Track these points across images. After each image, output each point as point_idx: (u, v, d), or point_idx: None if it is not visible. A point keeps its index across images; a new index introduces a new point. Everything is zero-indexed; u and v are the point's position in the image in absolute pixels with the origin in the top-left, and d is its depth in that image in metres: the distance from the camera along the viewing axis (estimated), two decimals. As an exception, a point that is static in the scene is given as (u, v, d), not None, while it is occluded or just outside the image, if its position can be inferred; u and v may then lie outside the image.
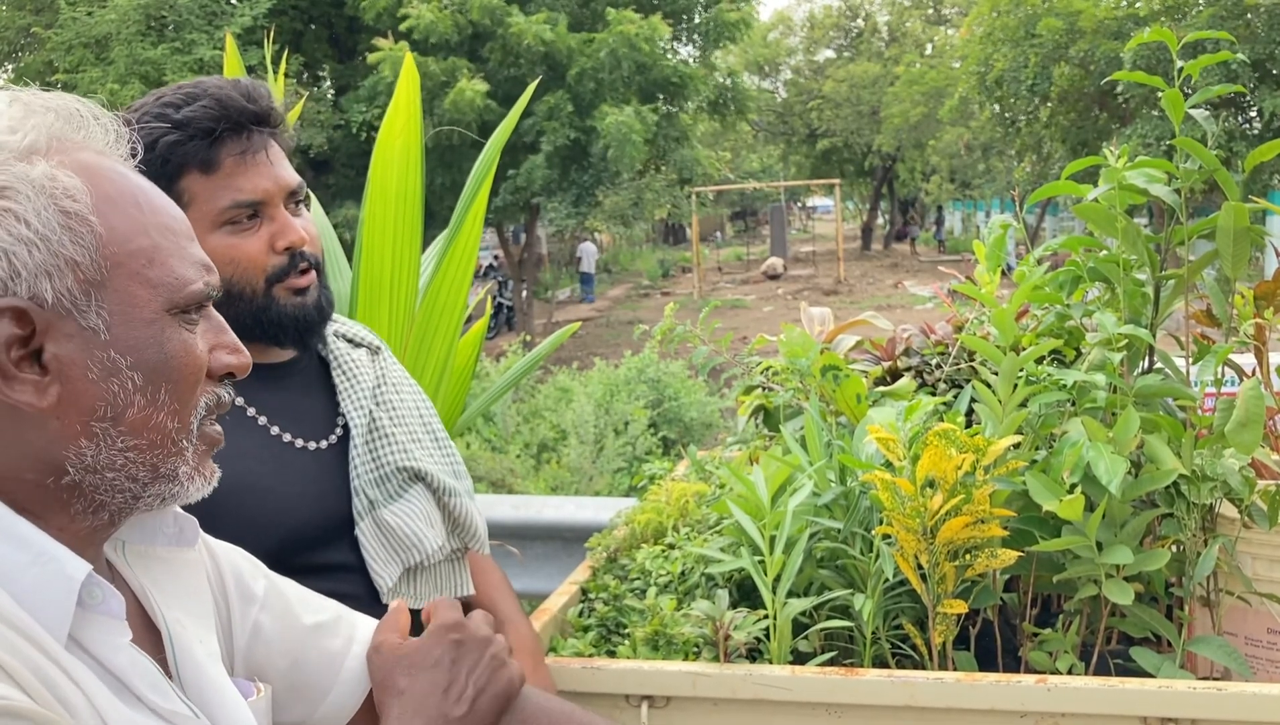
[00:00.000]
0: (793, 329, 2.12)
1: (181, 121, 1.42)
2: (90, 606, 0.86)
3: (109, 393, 0.85)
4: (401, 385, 1.67)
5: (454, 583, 1.63)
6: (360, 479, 1.53)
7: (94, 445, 0.85)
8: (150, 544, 0.99)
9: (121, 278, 0.86)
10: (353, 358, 1.63)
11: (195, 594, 1.04)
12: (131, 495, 0.89)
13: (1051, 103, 18.74)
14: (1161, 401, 1.81)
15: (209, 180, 1.43)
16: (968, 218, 42.60)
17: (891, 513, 1.61)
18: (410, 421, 1.63)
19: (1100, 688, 1.45)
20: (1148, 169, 1.82)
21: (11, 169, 0.83)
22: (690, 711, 1.57)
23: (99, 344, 0.85)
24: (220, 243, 1.44)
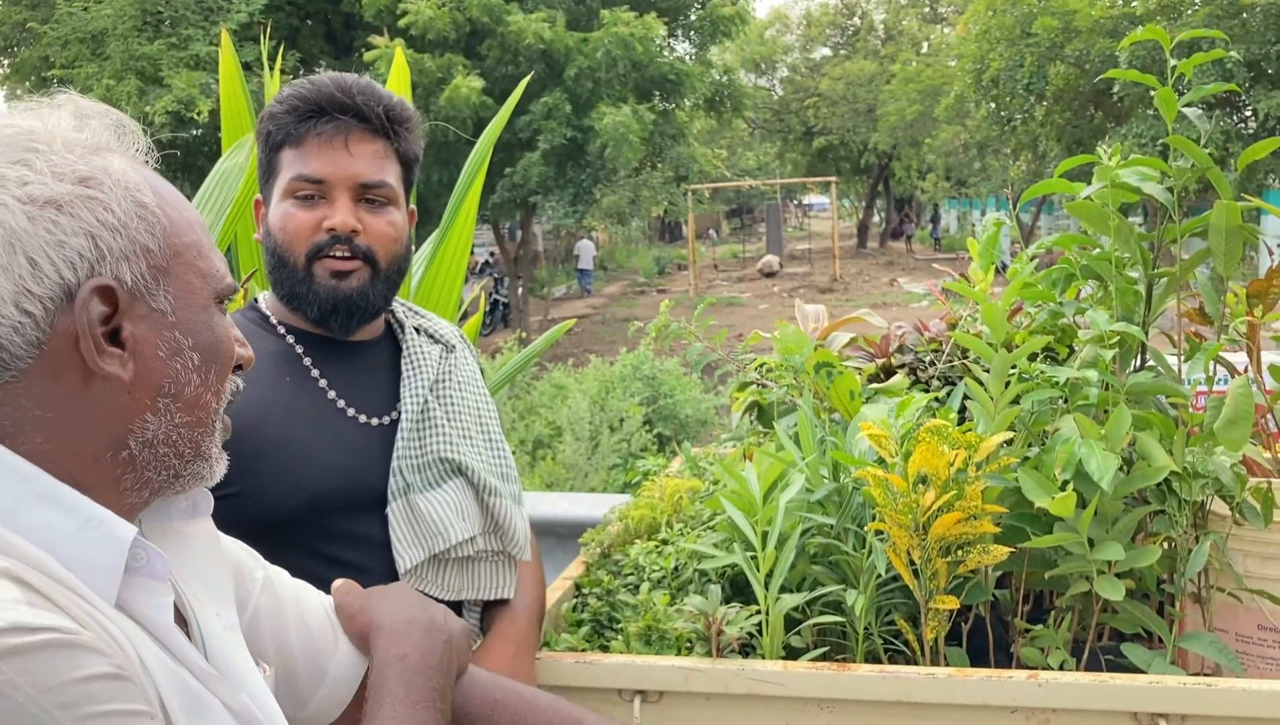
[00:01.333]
0: (786, 326, 2.13)
1: (286, 98, 1.59)
2: (135, 569, 0.90)
3: (173, 370, 0.93)
4: (468, 384, 1.72)
5: (493, 584, 1.65)
6: (401, 461, 1.58)
7: (157, 420, 0.92)
8: (167, 520, 1.02)
9: (181, 266, 0.94)
10: (424, 351, 1.70)
11: (212, 565, 1.07)
12: (173, 473, 0.95)
13: (1047, 101, 18.76)
14: (1153, 399, 1.81)
15: (293, 153, 1.58)
16: (964, 216, 42.64)
17: (884, 509, 1.61)
18: (465, 419, 1.67)
19: (1091, 684, 1.46)
20: (1140, 167, 1.82)
21: (91, 161, 0.90)
22: (683, 706, 1.58)
23: (166, 325, 0.92)
24: (281, 211, 1.58)
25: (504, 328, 21.23)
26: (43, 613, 0.78)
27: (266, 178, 1.63)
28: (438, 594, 1.57)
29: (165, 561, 0.93)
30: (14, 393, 0.86)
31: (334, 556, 1.50)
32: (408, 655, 1.10)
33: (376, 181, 1.60)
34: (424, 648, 1.12)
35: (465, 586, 1.61)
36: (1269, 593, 1.67)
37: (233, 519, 1.21)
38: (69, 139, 0.90)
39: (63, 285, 0.86)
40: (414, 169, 1.69)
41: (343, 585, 1.23)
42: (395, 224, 1.63)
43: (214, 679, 0.94)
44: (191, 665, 0.92)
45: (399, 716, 1.05)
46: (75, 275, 0.87)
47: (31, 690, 0.74)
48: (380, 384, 1.65)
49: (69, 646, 0.77)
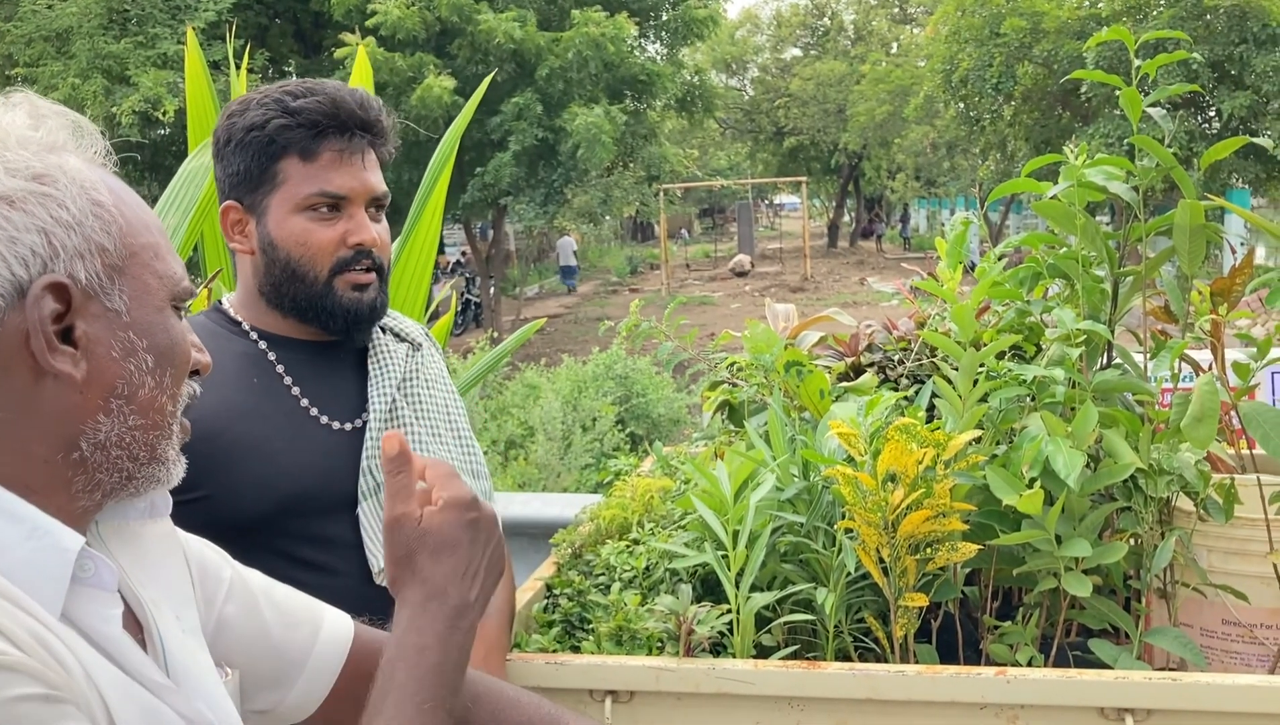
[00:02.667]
0: (757, 325, 2.13)
1: (294, 110, 1.56)
2: (82, 580, 0.88)
3: (127, 371, 0.91)
4: (435, 383, 1.72)
5: None
6: (371, 460, 1.58)
7: (109, 421, 0.90)
8: (124, 520, 1.00)
9: (137, 267, 0.93)
10: (391, 350, 1.70)
11: (171, 567, 1.05)
12: (126, 475, 0.93)
13: (1015, 101, 18.91)
14: (1120, 396, 1.83)
15: (305, 167, 1.56)
16: (933, 215, 42.91)
17: (853, 507, 1.62)
18: (434, 418, 1.68)
19: (1058, 680, 1.47)
20: (1106, 167, 1.84)
21: (46, 159, 0.89)
22: (654, 706, 1.58)
23: (121, 325, 0.91)
24: (298, 225, 1.57)
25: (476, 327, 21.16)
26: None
27: (256, 186, 1.59)
28: None
29: (114, 572, 0.91)
30: None
31: (305, 559, 1.50)
32: (427, 649, 1.03)
33: (384, 193, 1.64)
34: (446, 641, 1.05)
35: None
36: (1232, 587, 1.68)
37: (202, 522, 1.20)
38: (24, 136, 0.89)
39: (14, 282, 0.85)
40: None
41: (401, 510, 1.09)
42: (388, 231, 1.68)
43: (168, 690, 0.93)
44: (143, 677, 0.91)
45: (405, 717, 1.00)
46: (27, 272, 0.85)
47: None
48: (348, 385, 1.65)
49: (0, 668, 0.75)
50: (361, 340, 1.65)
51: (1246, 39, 15.06)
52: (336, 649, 1.17)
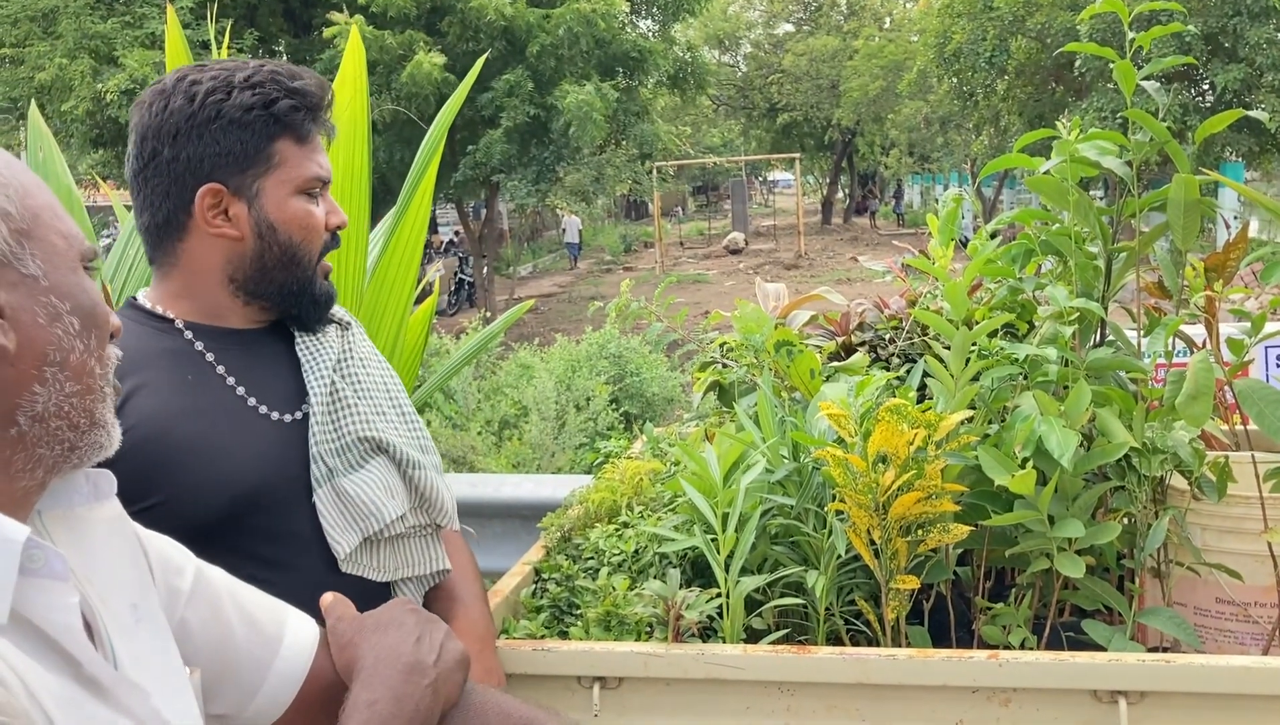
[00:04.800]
0: (746, 305, 2.11)
1: (297, 90, 1.53)
2: (32, 572, 0.85)
3: (55, 337, 0.88)
4: (369, 361, 1.68)
5: (425, 558, 1.61)
6: (320, 447, 1.53)
7: (45, 391, 0.87)
8: (69, 507, 0.97)
9: (42, 228, 0.90)
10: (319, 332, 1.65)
11: (121, 553, 1.02)
12: (69, 446, 0.90)
13: (1009, 76, 18.83)
14: (1113, 374, 1.81)
15: (300, 149, 1.54)
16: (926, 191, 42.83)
17: (844, 489, 1.60)
18: (376, 395, 1.63)
19: (1051, 663, 1.45)
20: (1099, 141, 1.81)
21: None
22: (643, 692, 1.56)
23: (40, 290, 0.88)
24: (300, 207, 1.54)
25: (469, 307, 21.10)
26: None
27: (246, 167, 1.52)
28: (374, 576, 1.54)
29: (64, 561, 0.88)
30: None
31: (264, 556, 1.45)
32: (377, 702, 1.05)
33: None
34: (399, 693, 1.07)
35: (400, 565, 1.58)
36: (1227, 566, 1.67)
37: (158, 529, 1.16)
38: None
39: None
40: None
41: (335, 607, 1.19)
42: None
43: (121, 686, 0.90)
44: (93, 673, 0.87)
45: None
46: None
47: None
48: (283, 373, 1.59)
49: None
50: (321, 329, 1.62)
51: (1240, 11, 14.99)
52: (301, 655, 1.15)
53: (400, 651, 1.11)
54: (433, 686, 1.09)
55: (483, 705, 1.15)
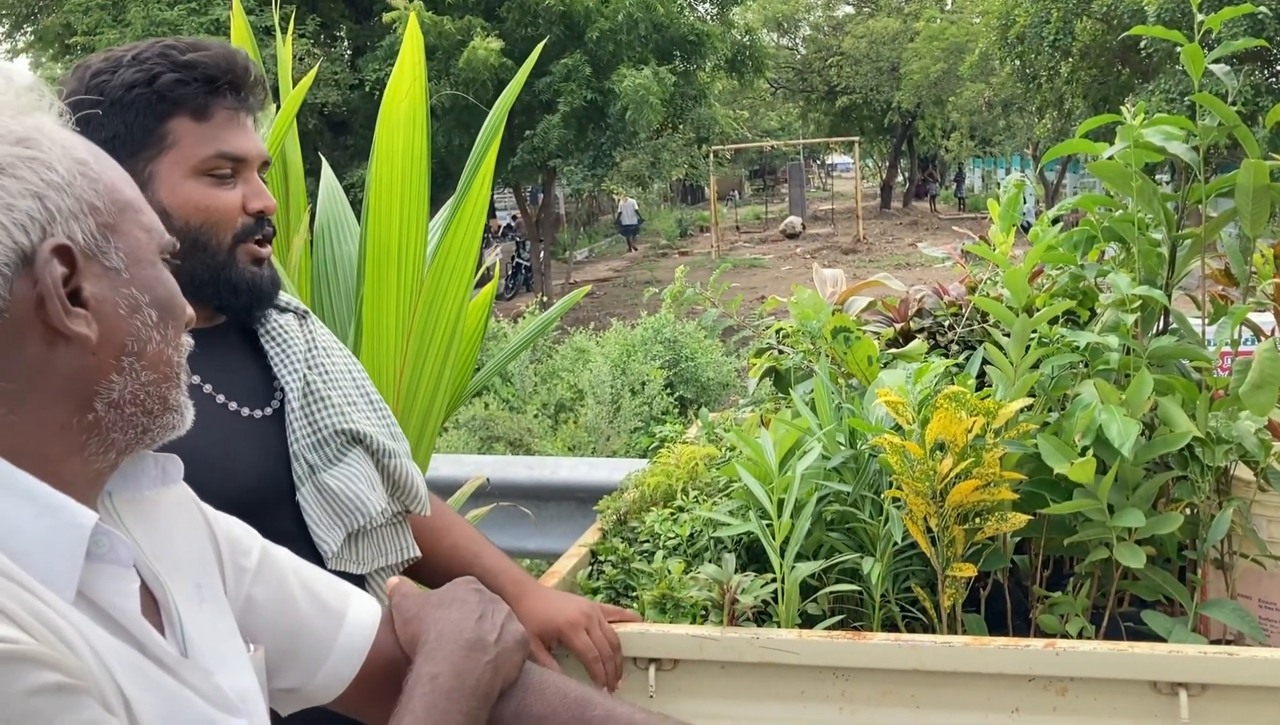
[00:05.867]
0: (803, 291, 2.10)
1: (187, 64, 1.42)
2: (98, 556, 0.88)
3: (134, 327, 0.90)
4: (332, 349, 1.64)
5: (397, 546, 1.60)
6: (299, 444, 1.51)
7: (122, 379, 0.90)
8: (137, 491, 0.99)
9: (127, 222, 0.92)
10: (280, 324, 1.59)
11: (188, 535, 1.05)
12: (141, 430, 0.93)
13: (1073, 58, 18.47)
14: (1175, 363, 1.78)
15: (199, 127, 1.43)
16: (988, 175, 42.22)
17: (901, 476, 1.59)
18: (344, 384, 1.60)
19: (1110, 653, 1.44)
20: (1165, 126, 1.78)
21: (24, 121, 0.88)
22: (697, 675, 1.57)
23: (122, 282, 0.90)
24: (196, 190, 1.43)
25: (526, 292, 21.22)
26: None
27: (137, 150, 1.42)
28: (355, 569, 1.52)
29: (129, 548, 0.91)
30: None
31: None
32: (439, 675, 1.07)
33: (269, 156, 1.53)
34: (460, 668, 1.09)
35: (376, 555, 1.56)
36: (1293, 559, 1.64)
37: None
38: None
39: (16, 249, 0.84)
40: None
41: (400, 587, 1.21)
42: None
43: (185, 665, 0.92)
44: (158, 654, 0.90)
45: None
46: (28, 238, 0.84)
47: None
48: (248, 368, 1.55)
49: (11, 659, 0.74)
50: (259, 319, 1.54)
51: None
52: (364, 631, 1.17)
53: (462, 628, 1.13)
54: (493, 664, 1.11)
55: (540, 683, 1.17)
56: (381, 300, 2.20)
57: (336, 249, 2.47)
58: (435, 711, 1.04)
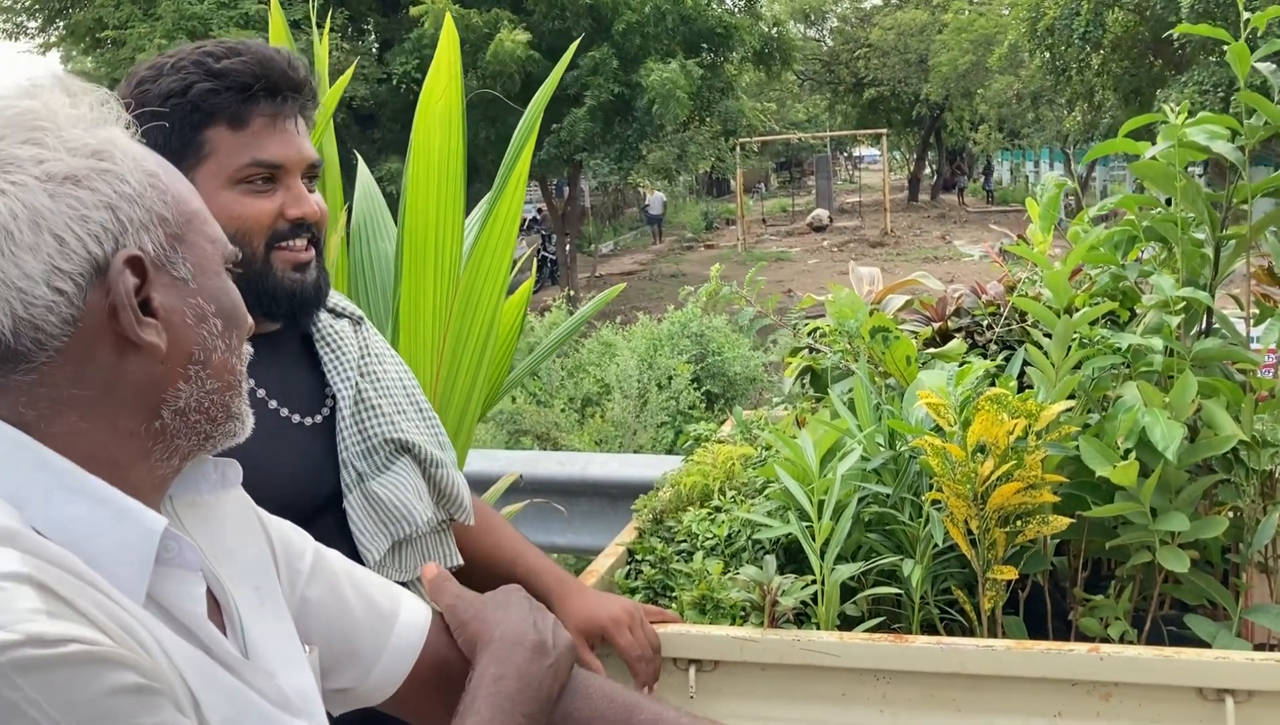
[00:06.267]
0: (841, 290, 2.09)
1: (219, 72, 1.40)
2: (166, 560, 0.89)
3: (201, 337, 0.92)
4: (384, 356, 1.64)
5: (441, 553, 1.61)
6: (348, 452, 1.51)
7: (189, 388, 0.91)
8: (196, 494, 1.01)
9: (193, 233, 0.94)
10: (335, 329, 1.60)
11: (246, 538, 1.06)
12: (204, 436, 0.94)
13: (1104, 50, 18.32)
14: (1219, 365, 1.77)
15: (235, 136, 1.41)
16: (1016, 168, 41.94)
17: (942, 478, 1.59)
18: (395, 393, 1.60)
19: (1155, 658, 1.43)
20: (1210, 125, 1.76)
21: (97, 134, 0.89)
22: (737, 676, 1.57)
23: (189, 292, 0.92)
24: (229, 199, 1.42)
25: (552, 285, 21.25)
26: (64, 623, 0.75)
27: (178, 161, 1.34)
28: (398, 577, 1.51)
29: (196, 552, 0.92)
30: (49, 373, 0.86)
31: None
32: (504, 677, 1.08)
33: (317, 160, 1.50)
34: (524, 671, 1.10)
35: (420, 563, 1.56)
36: (1339, 564, 1.63)
37: None
38: (70, 115, 0.89)
39: (90, 260, 0.85)
40: None
41: (448, 584, 1.22)
42: (324, 202, 1.52)
43: (247, 667, 0.94)
44: (223, 656, 0.92)
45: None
46: (102, 249, 0.86)
47: (49, 707, 0.72)
48: (304, 377, 1.55)
49: (91, 660, 0.75)
50: (306, 325, 1.54)
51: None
52: (416, 632, 1.18)
53: (524, 630, 1.14)
54: (553, 668, 1.12)
55: (587, 687, 1.18)
56: (418, 299, 2.20)
57: (372, 247, 2.48)
58: (500, 714, 1.04)
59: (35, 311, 0.84)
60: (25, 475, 0.84)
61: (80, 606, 0.78)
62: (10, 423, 0.85)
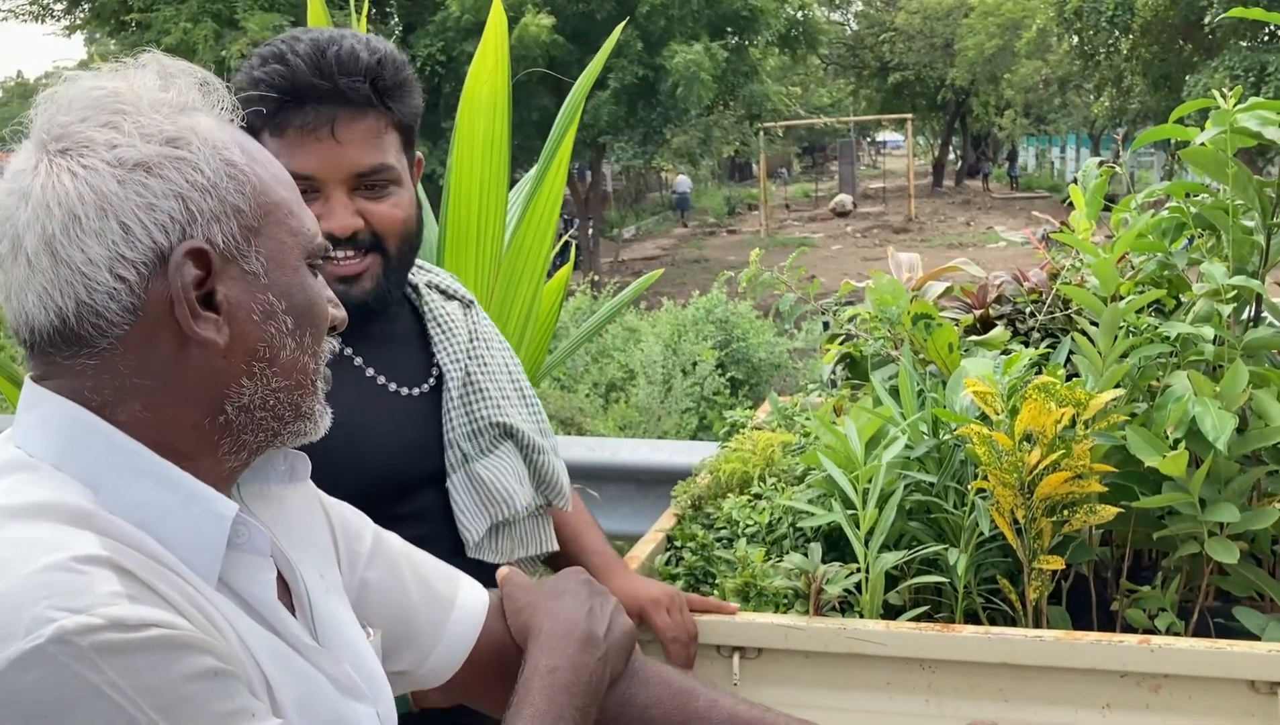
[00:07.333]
0: (882, 276, 2.08)
1: (257, 80, 1.40)
2: (238, 546, 0.90)
3: (268, 334, 0.90)
4: (492, 341, 1.66)
5: (539, 539, 1.63)
6: (455, 432, 1.53)
7: (252, 385, 0.90)
8: (264, 483, 1.01)
9: (272, 226, 0.92)
10: (446, 311, 1.62)
11: (312, 527, 1.07)
12: (272, 433, 0.93)
13: (1133, 34, 18.14)
14: (1268, 354, 1.75)
15: (275, 144, 1.40)
16: (1041, 153, 41.62)
17: (988, 467, 1.58)
18: (500, 378, 1.63)
19: (1206, 650, 1.42)
20: (1261, 111, 1.74)
21: (178, 121, 0.88)
22: (781, 664, 1.57)
23: (259, 287, 0.90)
24: None
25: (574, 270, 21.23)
26: (144, 607, 0.76)
27: None
28: (493, 559, 1.53)
29: (267, 537, 0.92)
30: (112, 360, 0.86)
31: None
32: (558, 669, 1.08)
33: (373, 166, 1.45)
34: (576, 663, 1.10)
35: (516, 547, 1.58)
36: (1391, 557, 1.61)
37: None
38: (155, 99, 0.88)
39: (155, 249, 0.84)
40: (416, 125, 1.54)
41: (511, 575, 1.22)
42: (401, 204, 1.49)
43: (316, 652, 0.94)
44: (294, 640, 0.92)
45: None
46: (167, 239, 0.85)
47: (130, 691, 0.73)
48: (410, 352, 1.57)
49: (170, 645, 0.76)
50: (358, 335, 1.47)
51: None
52: (473, 616, 1.18)
53: (576, 621, 1.14)
54: (604, 659, 1.12)
55: (645, 673, 1.18)
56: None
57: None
58: (554, 705, 1.05)
59: (97, 297, 0.84)
60: (99, 457, 0.85)
61: (159, 589, 0.79)
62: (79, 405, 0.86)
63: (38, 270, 0.84)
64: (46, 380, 0.87)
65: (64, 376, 0.86)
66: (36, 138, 0.87)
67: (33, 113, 0.89)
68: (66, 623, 0.72)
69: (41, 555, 0.76)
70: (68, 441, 0.85)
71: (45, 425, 0.86)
